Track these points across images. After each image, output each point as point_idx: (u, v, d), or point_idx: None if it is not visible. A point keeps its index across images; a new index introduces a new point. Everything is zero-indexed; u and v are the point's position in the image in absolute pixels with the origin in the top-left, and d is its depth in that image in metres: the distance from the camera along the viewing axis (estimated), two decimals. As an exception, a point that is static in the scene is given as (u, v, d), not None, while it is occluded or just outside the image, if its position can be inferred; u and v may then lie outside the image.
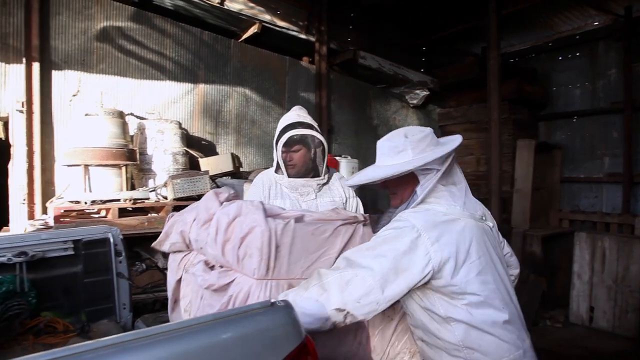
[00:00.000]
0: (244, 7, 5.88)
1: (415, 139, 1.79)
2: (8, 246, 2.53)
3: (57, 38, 4.76)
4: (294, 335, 1.04)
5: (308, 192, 2.78)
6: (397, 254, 1.56)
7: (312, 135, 2.70)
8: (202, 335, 0.94)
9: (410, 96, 8.09)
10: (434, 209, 1.71)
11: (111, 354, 0.88)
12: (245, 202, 1.87)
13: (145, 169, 4.74)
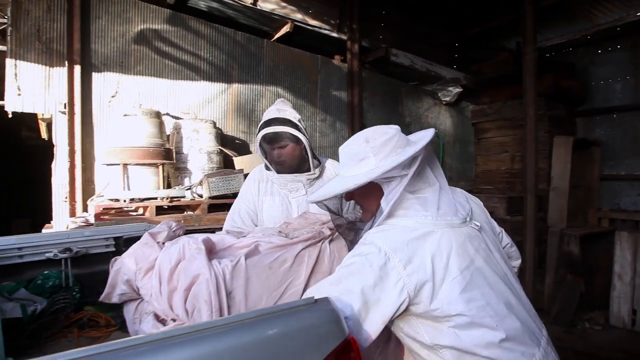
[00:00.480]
0: (276, 6, 5.93)
1: (377, 143, 1.57)
2: (54, 242, 2.64)
3: (97, 42, 4.91)
4: (337, 332, 1.05)
5: (297, 187, 2.68)
6: (366, 285, 1.35)
7: (285, 131, 2.49)
8: (248, 331, 0.96)
9: (442, 93, 8.00)
10: (402, 224, 1.50)
11: (158, 349, 0.91)
12: (187, 241, 1.67)
13: (181, 167, 4.84)
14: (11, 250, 2.49)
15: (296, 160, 2.59)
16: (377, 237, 1.45)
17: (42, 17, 4.58)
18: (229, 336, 0.95)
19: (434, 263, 1.40)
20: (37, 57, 4.57)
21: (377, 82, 7.28)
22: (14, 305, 2.13)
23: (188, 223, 4.24)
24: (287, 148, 2.54)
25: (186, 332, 0.93)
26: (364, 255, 1.42)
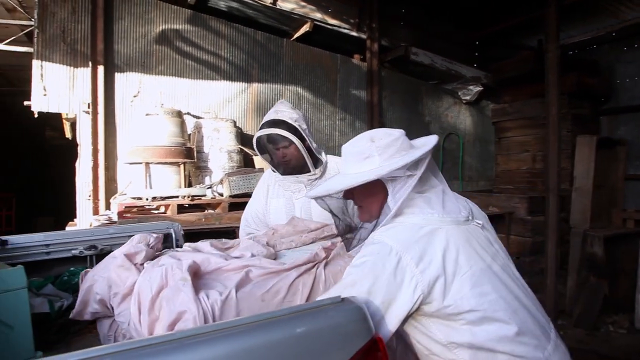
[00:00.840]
0: (296, 6, 5.95)
1: (382, 143, 1.58)
2: (79, 240, 2.69)
3: (119, 42, 4.99)
4: (364, 331, 1.06)
5: (299, 189, 2.64)
6: (380, 286, 1.35)
7: (277, 134, 2.45)
8: (277, 328, 0.97)
9: (463, 92, 7.93)
10: (409, 221, 1.50)
11: (188, 346, 0.92)
12: (170, 266, 1.53)
13: (202, 166, 4.89)
14: (39, 247, 2.54)
15: (300, 160, 2.53)
16: (386, 236, 1.45)
17: (67, 19, 4.67)
18: (258, 334, 0.96)
19: (445, 259, 1.40)
20: (62, 58, 4.67)
21: (397, 81, 7.25)
22: (42, 300, 2.18)
23: (209, 221, 4.29)
24: (290, 148, 2.50)
25: (215, 329, 0.95)
26: (374, 254, 1.41)
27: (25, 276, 1.69)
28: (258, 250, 1.87)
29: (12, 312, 1.62)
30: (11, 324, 1.61)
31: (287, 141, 2.47)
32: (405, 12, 7.29)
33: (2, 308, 1.59)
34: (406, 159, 1.51)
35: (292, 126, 2.46)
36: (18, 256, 2.51)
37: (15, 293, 1.64)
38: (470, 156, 8.19)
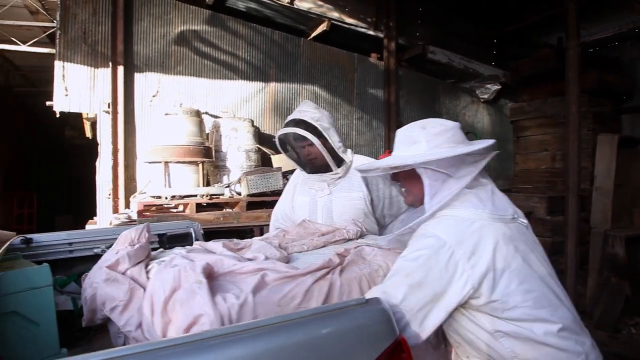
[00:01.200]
0: (313, 5, 5.95)
1: (433, 132, 1.62)
2: (101, 238, 2.73)
3: (139, 43, 5.05)
4: (388, 332, 1.06)
5: (322, 187, 2.66)
6: (433, 279, 1.40)
7: (295, 133, 2.48)
8: (303, 329, 0.98)
9: (480, 91, 7.87)
10: (459, 214, 1.52)
11: (214, 346, 0.93)
12: (184, 267, 1.49)
13: (220, 165, 4.92)
14: (62, 245, 2.59)
15: (322, 159, 2.54)
16: (439, 230, 1.48)
17: (88, 20, 4.74)
18: (283, 334, 0.96)
19: (495, 255, 1.43)
20: (83, 58, 4.74)
21: (414, 79, 7.23)
22: (66, 298, 2.22)
23: (227, 220, 4.31)
24: (308, 149, 2.54)
25: (242, 329, 0.95)
26: (428, 248, 1.44)
27: (51, 274, 1.72)
28: (271, 252, 1.85)
29: (38, 310, 1.64)
30: (37, 321, 1.63)
31: (307, 140, 2.49)
32: (423, 10, 7.26)
33: (28, 305, 1.62)
34: (451, 152, 1.54)
35: (312, 125, 2.48)
36: (42, 254, 2.56)
37: (41, 290, 1.67)
38: (488, 155, 8.13)
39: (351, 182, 2.62)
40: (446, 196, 1.54)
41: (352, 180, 2.62)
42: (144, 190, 4.72)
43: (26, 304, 1.62)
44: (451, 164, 1.55)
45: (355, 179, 2.61)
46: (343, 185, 2.63)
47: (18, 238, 2.31)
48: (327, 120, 2.55)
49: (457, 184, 1.55)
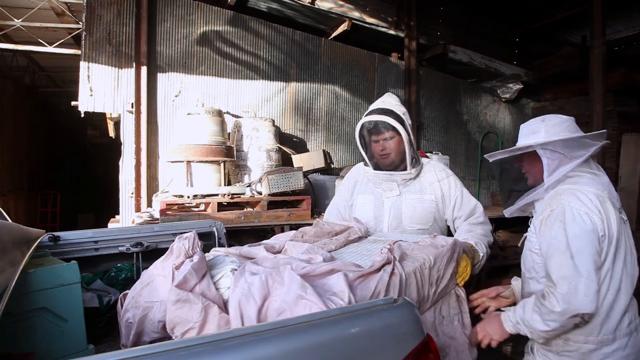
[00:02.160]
0: (334, 5, 5.95)
1: (551, 123, 1.95)
2: (126, 237, 2.77)
3: (162, 44, 5.11)
4: (416, 332, 1.06)
5: (391, 187, 2.51)
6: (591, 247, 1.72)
7: (384, 121, 2.36)
8: (332, 328, 0.98)
9: (502, 90, 7.78)
10: (590, 190, 1.82)
11: (244, 344, 0.93)
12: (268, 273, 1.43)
13: (241, 165, 4.95)
14: (88, 243, 2.63)
15: (399, 155, 2.43)
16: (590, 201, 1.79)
17: (112, 22, 4.81)
18: (313, 333, 0.97)
19: (615, 228, 1.78)
20: (107, 59, 4.80)
21: (435, 79, 7.18)
22: (92, 295, 2.25)
23: (248, 220, 4.34)
24: (391, 141, 2.41)
25: (271, 327, 0.96)
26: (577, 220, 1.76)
27: (78, 271, 1.74)
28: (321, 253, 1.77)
29: (67, 306, 1.67)
30: (66, 317, 1.66)
31: (390, 132, 2.39)
32: (444, 9, 7.21)
33: (58, 302, 1.65)
34: (567, 135, 1.88)
35: (400, 118, 2.38)
36: (69, 252, 2.60)
37: (70, 287, 1.69)
38: (509, 155, 8.03)
39: (422, 185, 2.53)
40: (562, 171, 1.87)
41: (424, 182, 2.53)
42: (166, 189, 4.77)
43: (55, 300, 1.65)
44: (566, 146, 1.87)
45: (426, 181, 2.53)
46: (414, 187, 2.52)
47: (46, 236, 2.35)
48: (409, 117, 2.47)
49: (571, 162, 1.86)
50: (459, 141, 7.39)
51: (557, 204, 1.82)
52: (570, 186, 1.85)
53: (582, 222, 1.74)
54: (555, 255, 1.76)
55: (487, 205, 7.35)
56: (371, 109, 2.46)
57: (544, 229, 1.86)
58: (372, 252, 1.95)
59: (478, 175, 7.57)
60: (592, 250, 1.72)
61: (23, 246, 1.66)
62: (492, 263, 5.64)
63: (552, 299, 1.69)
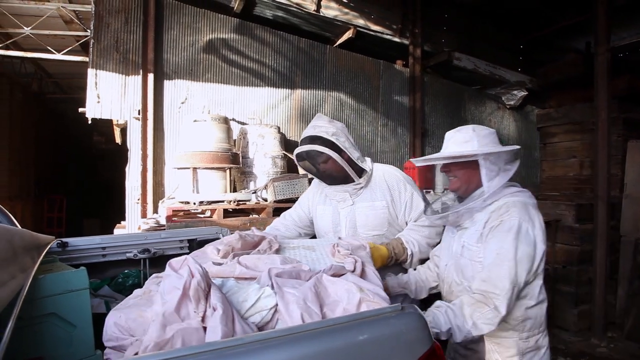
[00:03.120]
0: (339, 12, 5.99)
1: (482, 133, 2.04)
2: (134, 243, 2.78)
3: (169, 51, 5.16)
4: (424, 339, 1.07)
5: (344, 198, 2.64)
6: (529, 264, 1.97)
7: (313, 150, 2.49)
8: (342, 335, 0.99)
9: (507, 97, 7.80)
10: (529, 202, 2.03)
11: (252, 352, 0.95)
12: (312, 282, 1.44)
13: (247, 171, 4.97)
14: (96, 249, 2.64)
15: (340, 172, 2.54)
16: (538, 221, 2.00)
17: (120, 30, 4.86)
18: (321, 340, 0.98)
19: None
20: (115, 66, 4.85)
21: (440, 86, 7.20)
22: (99, 301, 2.26)
23: (254, 226, 4.35)
24: (328, 163, 2.53)
25: (282, 334, 0.97)
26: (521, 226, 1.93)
27: (87, 277, 1.74)
28: (295, 262, 1.84)
29: (75, 312, 1.67)
30: (74, 323, 1.66)
31: (325, 156, 2.50)
32: (448, 17, 7.23)
33: (66, 307, 1.65)
34: (503, 148, 1.99)
35: (329, 141, 2.47)
36: (77, 258, 2.61)
37: (78, 293, 1.69)
38: (514, 162, 8.03)
39: (373, 192, 2.62)
40: (501, 180, 1.97)
41: (375, 189, 2.63)
42: (172, 195, 4.80)
43: (64, 306, 1.65)
44: (502, 158, 1.99)
45: (377, 188, 2.63)
46: (365, 195, 2.63)
47: (55, 242, 2.37)
48: (343, 132, 2.56)
49: (506, 174, 1.99)
50: (463, 148, 7.40)
51: (509, 217, 1.93)
52: (517, 199, 2.00)
53: (531, 241, 1.92)
54: (505, 263, 1.88)
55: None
56: (302, 137, 2.58)
57: (491, 238, 1.96)
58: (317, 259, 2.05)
59: (483, 182, 7.58)
60: (530, 266, 1.92)
61: (33, 252, 1.67)
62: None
63: (497, 303, 1.85)
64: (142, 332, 1.31)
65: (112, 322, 1.38)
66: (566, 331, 5.81)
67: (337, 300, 1.34)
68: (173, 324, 1.16)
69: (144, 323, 1.34)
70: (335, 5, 5.94)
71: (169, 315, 1.18)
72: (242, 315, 1.29)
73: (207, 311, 1.21)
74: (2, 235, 1.30)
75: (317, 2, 5.76)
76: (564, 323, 5.84)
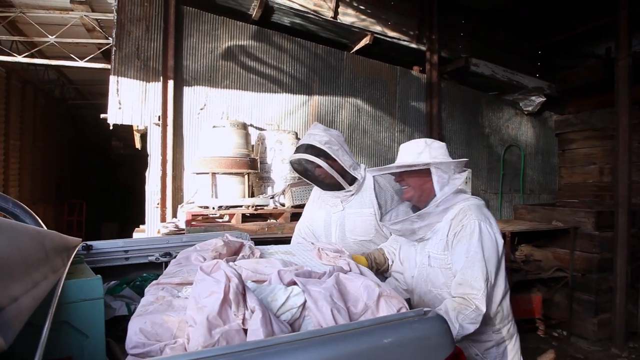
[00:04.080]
0: (356, 19, 6.02)
1: (434, 146, 2.23)
2: (156, 247, 2.83)
3: (188, 58, 5.24)
4: (446, 344, 1.08)
5: (336, 204, 2.81)
6: (497, 260, 2.16)
7: (305, 159, 2.66)
8: (365, 338, 1.01)
9: (524, 103, 7.74)
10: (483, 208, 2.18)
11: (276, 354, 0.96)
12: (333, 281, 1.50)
13: (265, 177, 5.01)
14: (119, 252, 2.70)
15: (332, 179, 2.68)
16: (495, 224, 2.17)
17: (141, 37, 4.95)
18: (346, 343, 0.99)
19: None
20: (135, 73, 4.94)
21: (457, 92, 7.18)
22: (121, 304, 2.30)
23: (271, 231, 4.39)
24: (319, 170, 2.68)
25: (305, 337, 0.99)
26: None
27: (102, 286, 1.70)
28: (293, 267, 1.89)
29: (88, 322, 1.61)
30: (86, 333, 1.61)
31: (315, 164, 2.66)
32: (466, 22, 7.22)
33: (79, 316, 1.59)
34: (451, 159, 2.18)
35: (321, 149, 2.61)
36: (100, 260, 2.68)
37: (93, 302, 1.64)
38: (531, 169, 7.95)
39: (363, 199, 2.76)
40: (452, 188, 2.11)
41: (364, 196, 2.76)
42: (191, 200, 4.86)
43: (77, 315, 1.59)
44: (452, 168, 2.14)
45: (367, 195, 2.74)
46: (355, 202, 2.78)
47: (80, 244, 2.42)
48: (337, 140, 2.69)
49: (455, 181, 2.13)
50: (481, 154, 7.36)
51: (469, 220, 2.08)
52: (470, 202, 2.16)
53: (493, 238, 2.09)
54: (476, 264, 2.03)
55: (509, 218, 7.30)
56: (298, 145, 2.75)
57: (457, 243, 2.11)
58: (305, 262, 2.09)
59: (500, 189, 7.52)
60: (496, 261, 2.09)
61: (63, 254, 1.68)
62: (515, 278, 5.58)
63: (477, 302, 1.98)
64: (169, 337, 1.33)
65: (137, 329, 1.36)
66: (585, 340, 5.73)
67: (357, 296, 1.40)
68: (217, 328, 1.19)
69: (170, 328, 1.35)
70: (353, 12, 5.98)
71: (213, 319, 1.21)
72: (275, 314, 1.33)
73: (246, 313, 1.25)
74: (34, 237, 1.33)
75: (334, 9, 5.80)
76: (583, 332, 5.77)
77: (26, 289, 1.00)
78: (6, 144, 8.34)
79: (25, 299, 0.97)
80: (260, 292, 1.45)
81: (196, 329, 1.20)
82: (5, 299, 0.83)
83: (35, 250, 1.22)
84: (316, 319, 1.28)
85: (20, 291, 0.95)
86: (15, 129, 8.75)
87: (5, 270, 0.87)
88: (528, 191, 7.88)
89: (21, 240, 1.05)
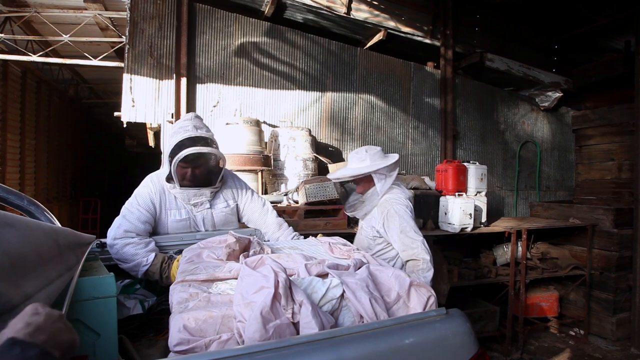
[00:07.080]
0: (369, 15, 5.96)
1: (372, 152, 3.14)
2: (169, 244, 2.83)
3: (201, 55, 5.23)
4: (470, 344, 1.05)
5: (202, 202, 2.85)
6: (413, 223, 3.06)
7: (210, 153, 2.76)
8: (388, 338, 0.98)
9: (540, 98, 7.62)
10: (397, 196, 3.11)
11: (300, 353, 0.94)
12: (366, 273, 1.54)
13: (278, 174, 4.99)
14: (134, 249, 2.69)
15: (205, 176, 2.88)
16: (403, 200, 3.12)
17: (154, 35, 4.95)
18: (369, 342, 0.97)
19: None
20: (149, 71, 4.94)
21: (471, 88, 7.09)
22: (135, 302, 2.28)
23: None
24: (201, 167, 2.81)
25: (328, 336, 0.97)
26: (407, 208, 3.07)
27: (115, 284, 1.70)
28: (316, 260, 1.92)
29: (100, 320, 1.62)
30: (98, 331, 1.62)
31: (213, 160, 2.88)
32: (480, 17, 7.12)
33: (92, 314, 1.60)
34: (386, 162, 3.08)
35: (215, 145, 2.81)
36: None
37: (105, 301, 1.65)
38: (548, 165, 7.83)
39: (224, 190, 3.02)
40: (387, 185, 3.10)
41: (223, 188, 3.02)
42: (204, 197, 4.84)
43: (90, 313, 1.60)
44: (387, 168, 3.08)
45: (225, 186, 3.04)
46: (219, 196, 2.98)
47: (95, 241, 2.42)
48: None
49: (390, 178, 3.12)
50: (496, 151, 7.27)
51: (391, 206, 3.02)
52: (392, 195, 3.10)
53: (408, 209, 3.03)
54: (407, 232, 2.90)
55: (525, 216, 7.20)
56: (191, 137, 2.67)
57: (389, 223, 2.99)
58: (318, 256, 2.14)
59: (516, 185, 7.42)
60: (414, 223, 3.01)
61: (77, 250, 1.67)
62: (531, 275, 5.51)
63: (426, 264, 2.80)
64: (214, 332, 1.35)
65: (180, 326, 1.38)
66: (603, 339, 5.64)
67: (389, 287, 1.46)
68: (270, 323, 1.22)
69: (214, 323, 1.38)
70: (366, 8, 5.93)
71: (266, 314, 1.23)
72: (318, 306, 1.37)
73: (294, 307, 1.28)
74: (48, 234, 1.32)
75: (347, 4, 5.75)
76: (601, 331, 5.68)
77: (40, 286, 0.99)
78: (22, 142, 8.42)
79: (39, 296, 0.95)
80: (299, 285, 1.45)
81: (250, 324, 1.21)
82: (18, 297, 0.82)
83: (49, 247, 1.21)
84: (355, 309, 1.30)
85: (34, 288, 0.94)
86: (30, 128, 8.84)
87: (20, 267, 0.85)
88: (544, 188, 7.76)
89: (35, 237, 1.03)
